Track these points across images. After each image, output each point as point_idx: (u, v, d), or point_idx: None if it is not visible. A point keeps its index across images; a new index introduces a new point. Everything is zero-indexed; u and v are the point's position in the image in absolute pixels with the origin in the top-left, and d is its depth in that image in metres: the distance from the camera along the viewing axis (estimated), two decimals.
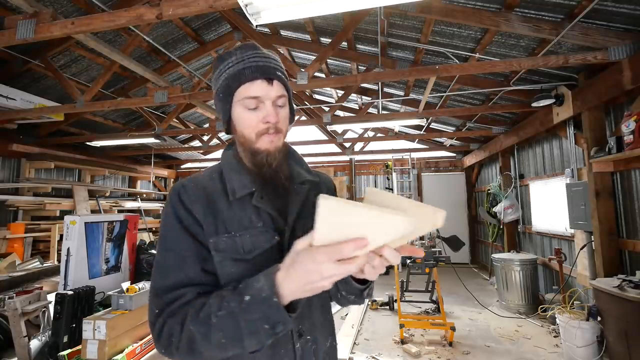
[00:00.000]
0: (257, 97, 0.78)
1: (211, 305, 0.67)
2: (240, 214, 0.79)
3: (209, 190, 0.80)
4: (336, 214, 0.56)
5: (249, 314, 0.63)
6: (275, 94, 0.80)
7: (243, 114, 0.80)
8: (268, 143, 0.80)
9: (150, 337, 2.11)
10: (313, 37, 4.96)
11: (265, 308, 0.62)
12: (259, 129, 0.79)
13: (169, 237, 0.76)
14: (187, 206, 0.77)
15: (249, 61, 0.80)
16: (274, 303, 0.62)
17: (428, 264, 4.15)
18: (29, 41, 2.56)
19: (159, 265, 0.76)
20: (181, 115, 7.03)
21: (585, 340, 3.09)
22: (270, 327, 0.63)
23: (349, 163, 9.42)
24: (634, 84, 2.85)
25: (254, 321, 0.63)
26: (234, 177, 0.81)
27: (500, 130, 5.80)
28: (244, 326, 0.63)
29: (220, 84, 0.82)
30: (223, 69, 0.82)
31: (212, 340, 0.65)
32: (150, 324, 0.73)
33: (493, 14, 3.10)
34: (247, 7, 1.92)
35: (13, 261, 4.55)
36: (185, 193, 0.78)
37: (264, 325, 0.63)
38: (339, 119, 5.78)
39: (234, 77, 0.79)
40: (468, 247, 8.33)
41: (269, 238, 0.78)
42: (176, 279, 0.73)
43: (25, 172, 5.96)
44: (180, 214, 0.76)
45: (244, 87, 0.79)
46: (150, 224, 7.86)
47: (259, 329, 0.63)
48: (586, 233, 3.77)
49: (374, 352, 3.59)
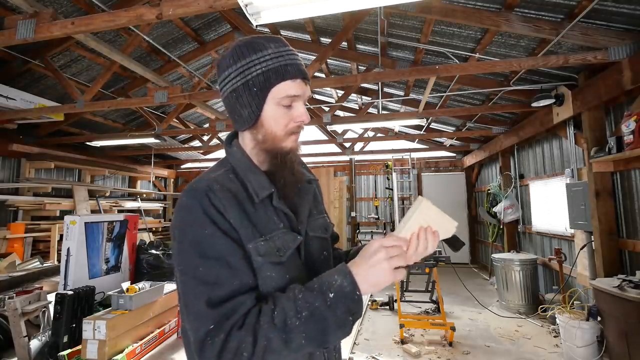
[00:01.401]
0: (297, 96, 0.77)
1: (285, 309, 0.65)
2: (265, 216, 0.77)
3: (234, 192, 0.75)
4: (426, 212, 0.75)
5: (337, 309, 0.66)
6: (309, 95, 0.82)
7: (277, 111, 0.77)
8: (294, 142, 0.81)
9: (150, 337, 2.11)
10: (313, 37, 4.95)
11: (349, 302, 0.66)
12: (290, 128, 0.79)
13: (205, 244, 0.69)
14: (221, 211, 0.71)
15: (288, 58, 0.77)
16: (357, 297, 0.67)
17: (428, 264, 4.15)
18: (29, 41, 2.56)
19: (199, 276, 0.67)
20: (181, 115, 7.03)
21: (585, 340, 3.09)
22: (353, 320, 0.67)
23: (349, 163, 9.42)
24: (634, 84, 2.84)
25: (341, 315, 0.66)
26: (252, 178, 0.78)
27: (500, 130, 5.80)
28: (332, 322, 0.66)
29: (253, 76, 0.75)
30: (257, 61, 0.75)
31: (292, 344, 0.65)
32: (201, 342, 0.63)
33: (493, 14, 3.10)
34: (247, 7, 1.92)
35: (13, 261, 4.55)
36: (214, 196, 0.72)
37: (348, 318, 0.67)
38: (339, 119, 5.78)
39: (276, 72, 0.75)
40: (468, 247, 8.33)
41: (293, 238, 0.79)
42: (231, 287, 0.67)
43: (25, 172, 5.96)
44: (217, 220, 0.70)
45: (285, 84, 0.75)
46: (150, 224, 7.86)
47: (346, 323, 0.67)
48: (586, 233, 3.77)
49: (374, 352, 3.59)
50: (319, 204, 0.95)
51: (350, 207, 9.19)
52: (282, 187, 0.81)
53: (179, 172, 10.27)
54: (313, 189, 0.92)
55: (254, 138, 0.81)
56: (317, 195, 0.95)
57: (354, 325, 0.69)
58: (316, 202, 0.94)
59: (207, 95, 4.19)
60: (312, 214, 0.89)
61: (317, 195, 0.96)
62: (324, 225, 0.91)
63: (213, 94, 4.69)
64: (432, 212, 0.76)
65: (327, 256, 0.88)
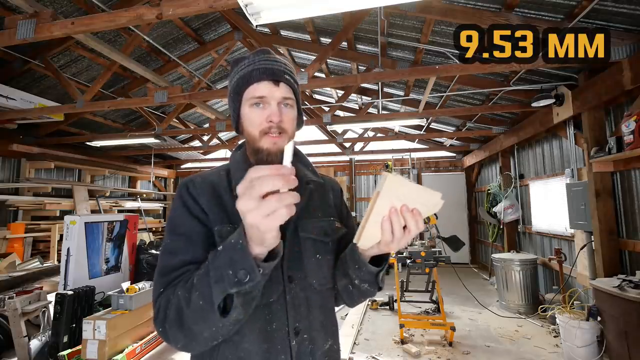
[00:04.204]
0: (262, 97, 0.82)
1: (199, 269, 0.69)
2: None
3: (215, 184, 0.85)
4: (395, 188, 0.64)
5: (217, 260, 0.63)
6: (281, 95, 0.83)
7: (249, 113, 0.83)
8: (270, 144, 0.81)
9: (150, 337, 2.11)
10: (313, 37, 4.95)
11: (231, 253, 0.61)
12: (262, 128, 0.81)
13: (177, 223, 0.80)
14: (195, 197, 0.82)
15: (258, 64, 0.84)
16: (239, 246, 0.60)
17: (428, 264, 4.15)
18: (29, 41, 2.56)
19: (166, 248, 0.79)
20: (181, 115, 7.03)
21: (585, 340, 3.08)
22: (233, 273, 0.60)
23: (349, 163, 9.42)
24: (634, 84, 2.85)
25: (220, 267, 0.62)
26: (239, 175, 0.83)
27: (500, 130, 5.80)
28: (212, 275, 0.63)
29: (232, 85, 0.87)
30: (237, 71, 0.87)
31: (192, 302, 0.65)
32: (153, 305, 0.74)
33: (493, 14, 3.10)
34: (247, 7, 1.92)
35: (13, 261, 4.55)
36: (193, 186, 0.84)
37: (227, 271, 0.61)
38: (339, 119, 5.78)
39: (243, 78, 0.84)
40: (468, 247, 8.33)
41: None
42: (182, 258, 0.76)
43: (25, 172, 5.96)
44: (189, 204, 0.81)
45: (251, 87, 0.83)
46: (150, 224, 7.86)
47: (224, 276, 0.61)
48: (586, 233, 3.77)
49: (374, 352, 3.59)
50: (327, 207, 0.95)
51: (350, 207, 9.20)
52: None
53: (179, 172, 10.27)
54: (309, 190, 0.91)
55: (246, 141, 0.89)
56: (325, 198, 0.96)
57: (240, 285, 0.60)
58: (323, 205, 0.94)
59: (207, 95, 4.19)
60: (312, 215, 0.89)
61: (328, 198, 0.97)
62: (324, 228, 0.90)
63: (213, 94, 4.69)
64: (405, 187, 0.65)
65: (320, 259, 0.86)
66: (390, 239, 0.69)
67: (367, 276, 0.81)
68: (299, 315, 0.81)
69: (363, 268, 0.79)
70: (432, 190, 0.67)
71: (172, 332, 0.69)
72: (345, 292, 0.89)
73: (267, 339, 0.77)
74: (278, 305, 0.79)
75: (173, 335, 0.70)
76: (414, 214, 0.67)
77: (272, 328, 0.78)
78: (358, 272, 0.81)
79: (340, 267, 0.87)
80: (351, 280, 0.84)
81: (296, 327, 0.80)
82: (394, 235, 0.68)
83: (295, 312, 0.80)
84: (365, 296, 0.89)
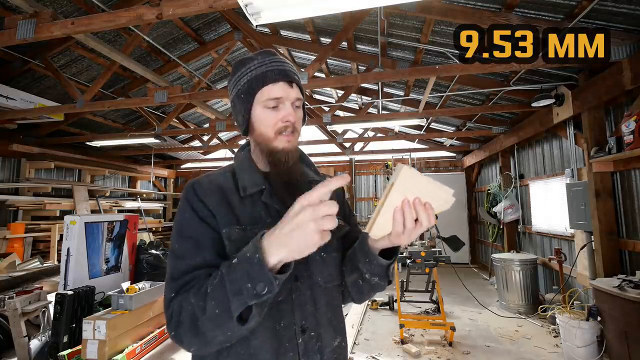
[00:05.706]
0: (279, 98, 0.83)
1: (211, 278, 0.69)
2: (251, 209, 0.83)
3: (222, 186, 0.85)
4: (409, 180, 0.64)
5: (233, 274, 0.64)
6: (295, 96, 0.85)
7: (264, 113, 0.83)
8: (285, 142, 0.83)
9: (150, 337, 2.12)
10: (313, 37, 4.95)
11: (247, 266, 0.63)
12: (277, 128, 0.83)
13: (184, 226, 0.80)
14: (202, 199, 0.81)
15: (271, 65, 0.84)
16: (256, 260, 0.62)
17: (428, 264, 4.15)
18: (29, 41, 2.56)
19: (175, 252, 0.78)
20: (181, 115, 7.03)
21: (585, 340, 3.08)
22: (252, 286, 0.62)
23: (349, 163, 9.42)
24: (634, 84, 2.85)
25: (237, 281, 0.63)
26: (246, 176, 0.86)
27: (500, 130, 5.80)
28: (229, 288, 0.64)
29: (242, 85, 0.85)
30: (245, 72, 0.85)
31: (207, 311, 0.66)
32: (165, 310, 0.74)
33: (493, 14, 3.11)
34: (247, 7, 1.92)
35: (13, 261, 4.55)
36: (199, 187, 0.83)
37: (246, 284, 0.62)
38: (339, 119, 5.78)
39: (257, 78, 0.83)
40: (468, 247, 8.33)
41: None
42: (192, 262, 0.75)
43: (25, 172, 5.96)
44: (196, 206, 0.80)
45: (267, 88, 0.83)
46: (150, 224, 7.86)
47: (242, 288, 0.63)
48: (586, 233, 3.77)
49: (374, 352, 3.59)
50: None
51: (350, 207, 9.19)
52: (273, 184, 0.85)
53: (179, 172, 10.27)
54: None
55: (253, 141, 0.89)
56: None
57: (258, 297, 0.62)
58: None
59: (207, 95, 4.19)
60: None
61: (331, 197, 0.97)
62: None
63: (213, 94, 4.69)
64: (418, 181, 0.65)
65: (325, 257, 0.87)
66: (401, 230, 0.68)
67: (377, 269, 0.80)
68: (305, 313, 0.81)
69: (374, 261, 0.79)
70: (445, 187, 0.67)
71: (186, 338, 0.70)
72: (355, 287, 0.89)
73: (276, 337, 0.78)
74: (285, 304, 0.80)
75: (188, 341, 0.70)
76: (426, 208, 0.68)
77: (281, 326, 0.79)
78: (368, 266, 0.81)
79: (349, 262, 0.87)
80: (361, 274, 0.84)
81: (303, 325, 0.81)
82: (405, 227, 0.68)
83: (301, 311, 0.81)
84: (375, 290, 0.89)
